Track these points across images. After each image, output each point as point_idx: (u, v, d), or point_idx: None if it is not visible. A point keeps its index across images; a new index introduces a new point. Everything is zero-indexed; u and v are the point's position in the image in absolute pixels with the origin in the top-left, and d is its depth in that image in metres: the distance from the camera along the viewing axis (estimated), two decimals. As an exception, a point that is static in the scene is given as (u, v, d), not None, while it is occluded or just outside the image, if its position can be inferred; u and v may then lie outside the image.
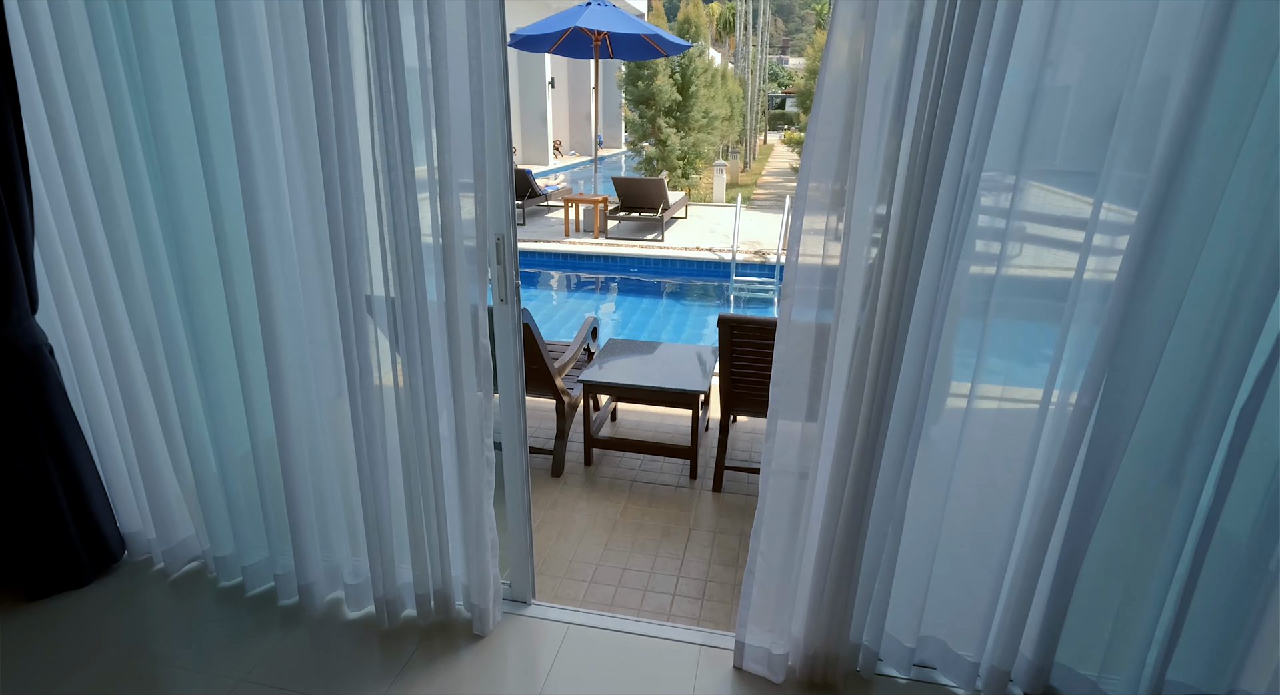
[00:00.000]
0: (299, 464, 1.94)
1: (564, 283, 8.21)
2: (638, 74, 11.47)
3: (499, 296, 1.89)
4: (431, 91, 1.59)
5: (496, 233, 1.81)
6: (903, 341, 1.56)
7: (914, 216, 1.46)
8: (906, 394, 1.61)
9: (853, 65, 1.41)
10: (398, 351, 1.78)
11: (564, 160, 21.05)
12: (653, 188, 9.06)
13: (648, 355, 3.48)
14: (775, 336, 1.67)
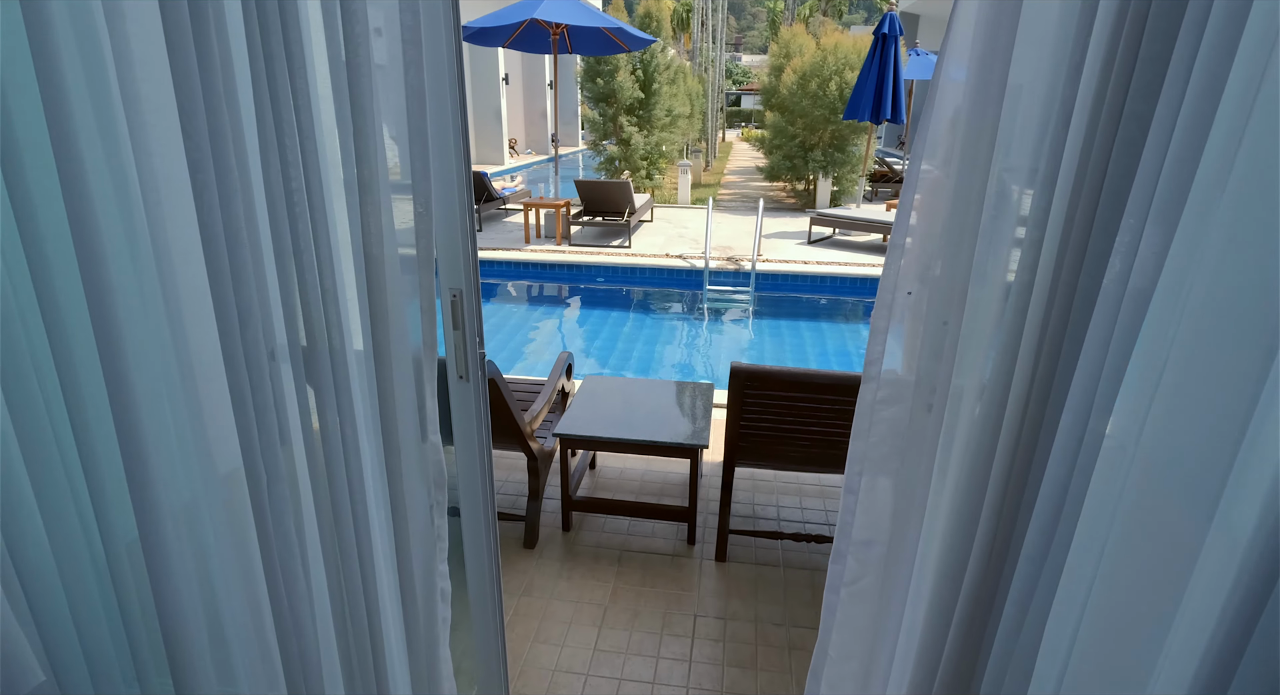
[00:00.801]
0: (175, 573, 1.40)
1: (525, 294, 7.66)
2: (597, 70, 10.95)
3: (458, 371, 1.39)
4: (347, 88, 1.08)
5: (452, 288, 1.31)
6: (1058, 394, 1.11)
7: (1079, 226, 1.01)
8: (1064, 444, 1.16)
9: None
10: (312, 424, 1.26)
11: (520, 160, 20.37)
12: (618, 190, 8.56)
13: (632, 396, 3.00)
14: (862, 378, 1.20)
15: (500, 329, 6.29)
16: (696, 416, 2.79)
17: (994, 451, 1.10)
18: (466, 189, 1.29)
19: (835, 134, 11.03)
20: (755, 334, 6.41)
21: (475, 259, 1.34)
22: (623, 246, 8.43)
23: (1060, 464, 1.11)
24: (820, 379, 2.03)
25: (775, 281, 7.51)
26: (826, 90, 10.58)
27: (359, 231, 1.12)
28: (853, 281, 7.43)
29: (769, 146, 12.15)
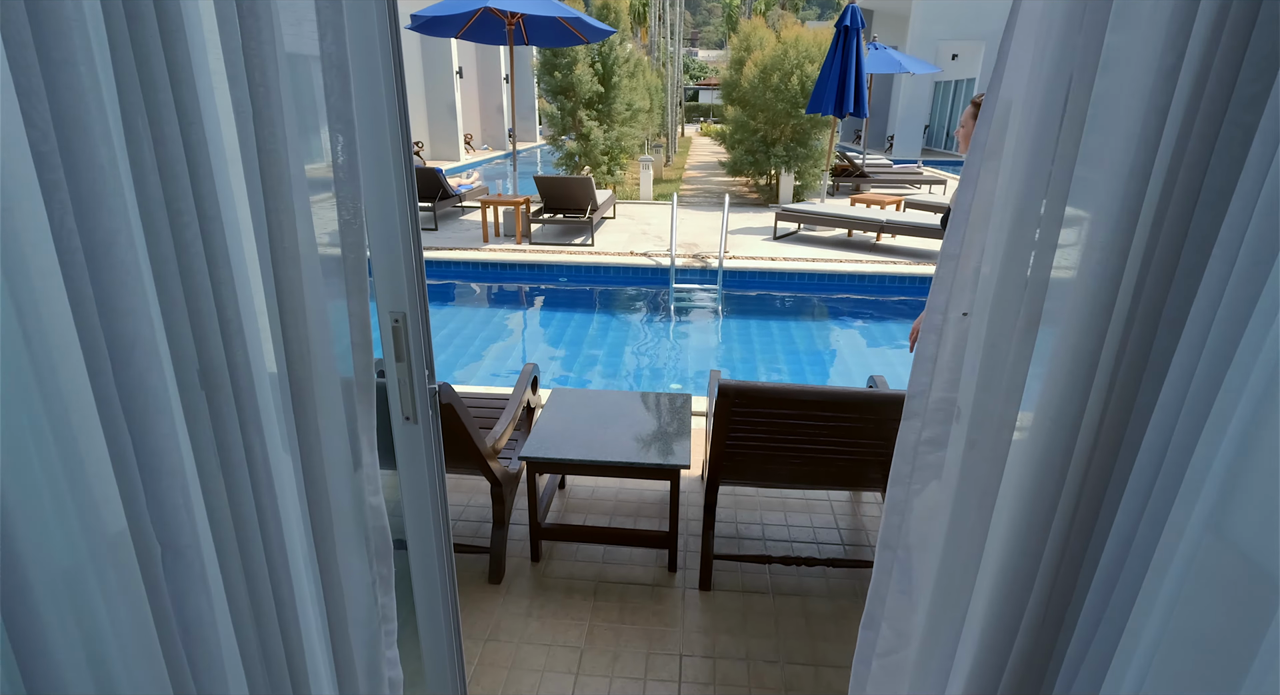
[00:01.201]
0: (48, 654, 1.12)
1: (485, 296, 7.34)
2: (554, 63, 10.62)
3: (403, 412, 1.14)
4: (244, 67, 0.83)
5: (394, 312, 1.06)
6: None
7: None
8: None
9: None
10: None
11: (476, 155, 19.89)
12: (579, 187, 8.29)
13: (604, 410, 2.76)
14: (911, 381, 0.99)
15: (459, 334, 5.98)
16: (674, 433, 2.58)
17: (1056, 501, 0.91)
18: (407, 192, 1.05)
19: (797, 128, 10.94)
20: (724, 334, 6.24)
21: (421, 275, 1.10)
22: (585, 245, 8.17)
23: (1129, 514, 0.92)
24: (815, 396, 1.84)
25: (743, 279, 7.35)
26: (788, 84, 10.47)
27: (265, 242, 0.87)
28: (821, 278, 7.32)
29: (731, 141, 12.01)
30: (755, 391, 1.82)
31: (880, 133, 26.00)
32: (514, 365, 5.38)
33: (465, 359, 5.46)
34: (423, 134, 17.84)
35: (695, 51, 64.12)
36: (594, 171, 11.27)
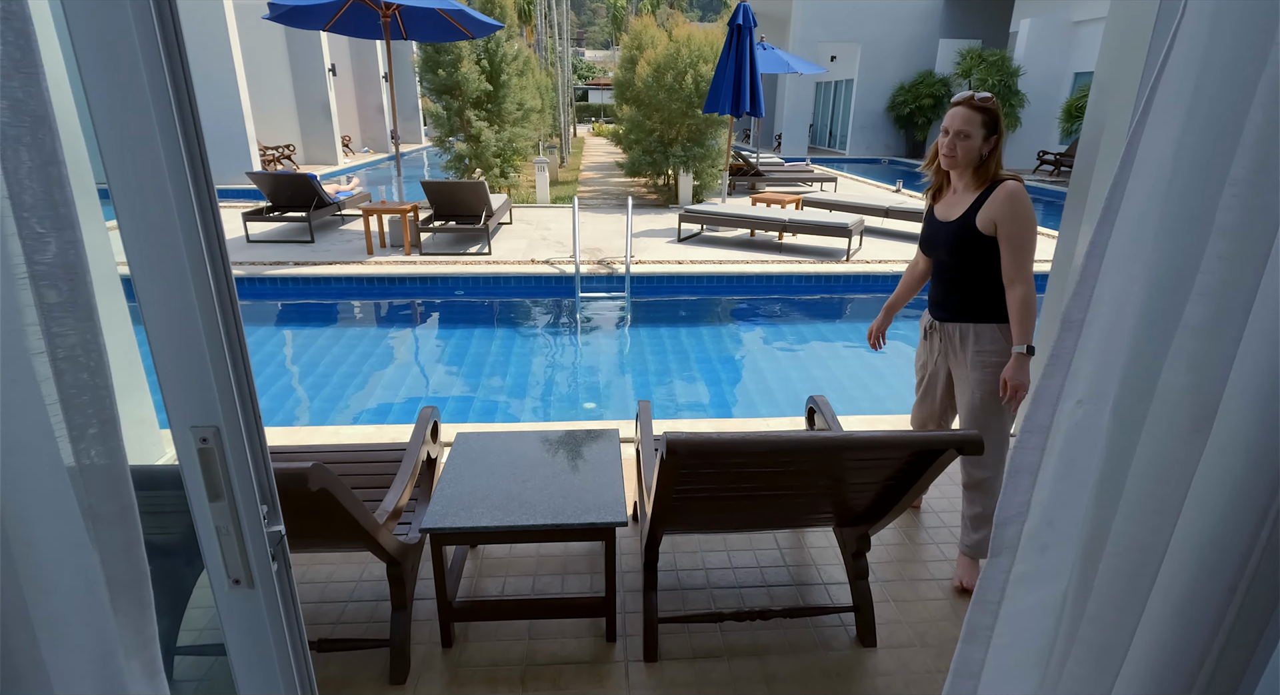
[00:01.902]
0: None
1: (372, 314, 6.69)
2: (437, 60, 9.95)
3: (230, 574, 0.73)
4: None
5: (199, 426, 0.66)
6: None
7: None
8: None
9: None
10: None
11: (356, 159, 18.64)
12: (472, 192, 7.76)
13: (520, 457, 2.38)
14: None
15: (343, 360, 5.35)
16: (606, 479, 2.23)
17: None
18: (208, 233, 0.65)
19: (694, 128, 10.85)
20: (635, 344, 5.95)
21: (244, 361, 0.70)
22: (482, 253, 7.66)
23: None
24: (774, 445, 1.56)
25: (651, 284, 7.11)
26: (682, 83, 10.34)
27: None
28: (730, 280, 7.19)
29: (627, 142, 11.77)
30: (709, 447, 1.52)
31: (768, 132, 26.72)
32: (409, 393, 4.85)
33: (351, 390, 4.87)
34: (294, 137, 16.49)
35: (582, 51, 63.90)
36: (486, 175, 10.70)
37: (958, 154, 2.12)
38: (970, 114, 2.08)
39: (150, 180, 0.63)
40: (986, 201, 2.12)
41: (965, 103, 2.11)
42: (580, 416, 4.58)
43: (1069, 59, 18.20)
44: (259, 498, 0.71)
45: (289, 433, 3.54)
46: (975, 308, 2.23)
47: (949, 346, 2.32)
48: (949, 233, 2.21)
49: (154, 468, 2.71)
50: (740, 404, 4.79)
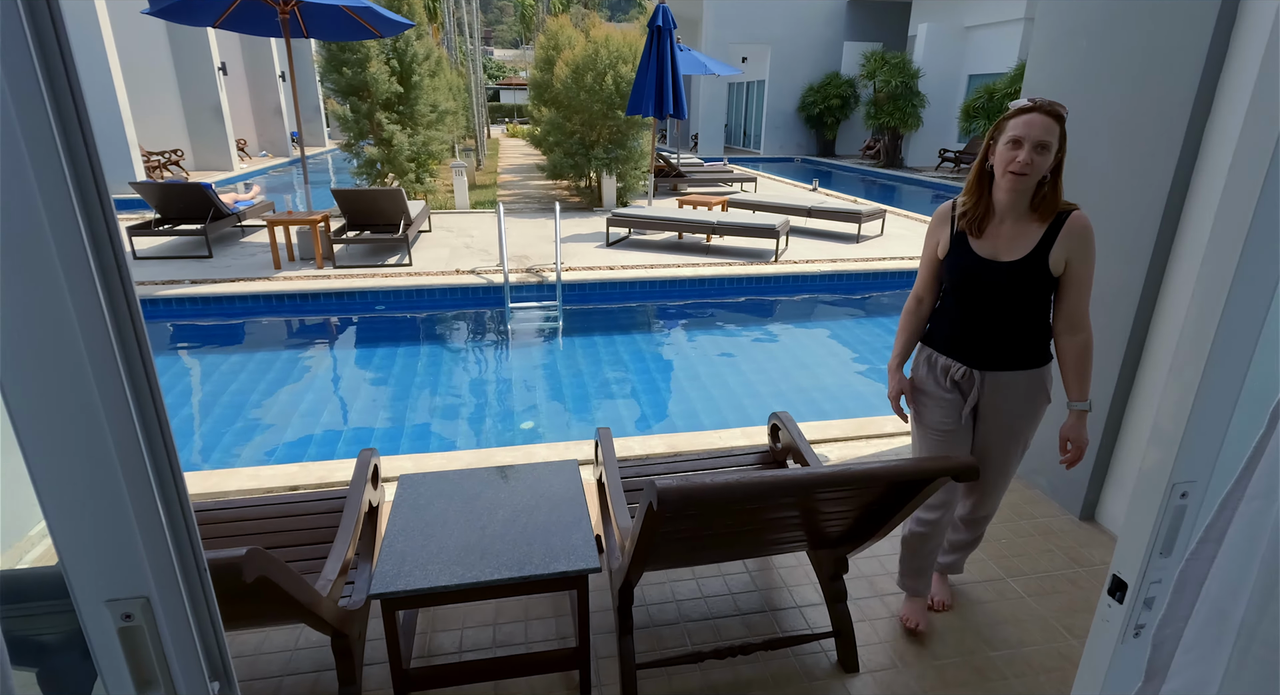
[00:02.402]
0: None
1: (284, 335, 6.20)
2: (342, 59, 9.38)
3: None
4: None
5: (117, 599, 0.46)
6: None
7: None
8: None
9: None
10: None
11: (254, 164, 17.48)
12: (388, 199, 7.34)
13: (473, 500, 2.17)
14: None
15: (253, 389, 4.91)
16: (570, 517, 2.07)
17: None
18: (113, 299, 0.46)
19: (615, 130, 10.72)
20: (570, 354, 5.77)
21: (179, 499, 0.50)
22: (402, 264, 7.26)
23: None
24: (775, 486, 1.45)
25: (583, 291, 6.93)
26: (602, 84, 10.20)
27: None
28: (663, 284, 7.11)
29: (547, 144, 11.52)
30: (703, 494, 1.39)
31: (684, 132, 26.96)
32: (330, 421, 4.49)
33: (264, 422, 4.46)
34: (181, 141, 15.28)
35: (491, 51, 62.68)
36: (401, 180, 10.20)
37: (1032, 172, 1.71)
38: (1050, 122, 1.68)
39: (26, 241, 0.43)
40: (1060, 236, 1.77)
41: (1042, 109, 1.69)
42: (519, 437, 4.36)
43: (963, 62, 19.24)
44: (208, 674, 0.52)
45: (201, 478, 3.17)
46: (1026, 354, 1.92)
47: (987, 396, 1.97)
48: (1011, 275, 1.81)
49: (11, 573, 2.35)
50: (683, 413, 4.70)
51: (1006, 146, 1.72)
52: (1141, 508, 0.68)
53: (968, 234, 1.87)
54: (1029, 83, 3.08)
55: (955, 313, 1.96)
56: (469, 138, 17.91)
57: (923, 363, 2.07)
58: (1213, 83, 2.32)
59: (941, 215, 1.96)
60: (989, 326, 1.90)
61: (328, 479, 3.17)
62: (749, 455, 2.65)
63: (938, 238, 1.96)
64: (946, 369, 1.99)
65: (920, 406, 2.08)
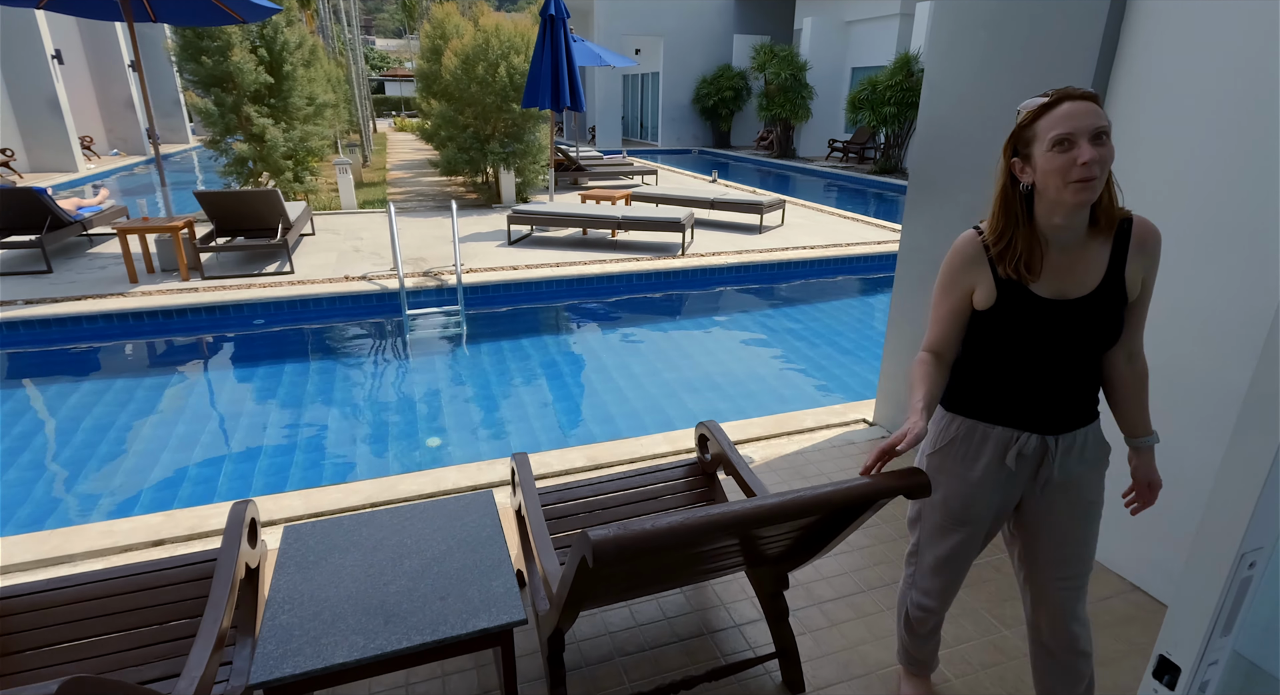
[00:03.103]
0: None
1: (144, 360, 5.51)
2: (199, 46, 8.47)
3: None
4: None
5: None
6: None
7: None
8: None
9: None
10: None
11: (104, 164, 15.73)
12: (263, 201, 6.69)
13: (374, 549, 1.90)
14: None
15: (109, 426, 4.31)
16: (491, 560, 1.84)
17: None
18: None
19: (511, 123, 10.33)
20: (476, 363, 5.45)
21: None
22: (283, 272, 6.64)
23: None
24: (720, 523, 1.29)
25: (486, 294, 6.60)
26: (495, 76, 9.78)
27: None
28: (571, 283, 6.88)
29: (439, 139, 10.97)
30: (644, 544, 1.21)
31: (582, 125, 26.64)
32: (204, 459, 3.99)
33: (127, 465, 3.91)
34: (11, 140, 13.51)
35: (372, 40, 59.73)
36: (278, 180, 9.39)
37: (1103, 170, 1.29)
38: (1092, 105, 1.28)
39: None
40: (1131, 249, 1.41)
41: (1072, 95, 1.29)
42: (425, 458, 4.04)
43: (846, 55, 20.01)
44: None
45: (38, 541, 2.68)
46: (1094, 402, 1.55)
47: (1056, 464, 1.53)
48: (1085, 313, 1.41)
49: None
50: (599, 418, 4.52)
51: (1054, 152, 1.29)
52: (1201, 582, 0.58)
53: (1020, 277, 1.42)
54: (930, 78, 3.08)
55: (1014, 371, 1.49)
56: (353, 132, 16.86)
57: (961, 440, 1.58)
58: (1106, 72, 2.36)
59: (967, 256, 1.47)
60: (1061, 380, 1.47)
61: (200, 528, 2.76)
62: (678, 468, 2.51)
63: (969, 285, 1.48)
64: (1008, 444, 1.53)
65: (948, 493, 1.62)
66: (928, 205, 3.20)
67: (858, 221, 9.92)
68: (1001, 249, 1.43)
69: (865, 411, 3.86)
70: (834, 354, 5.73)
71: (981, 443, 1.56)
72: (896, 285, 3.47)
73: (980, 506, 1.61)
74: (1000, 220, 1.43)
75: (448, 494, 3.04)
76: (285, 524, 2.83)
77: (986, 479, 1.57)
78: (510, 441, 4.22)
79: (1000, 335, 1.48)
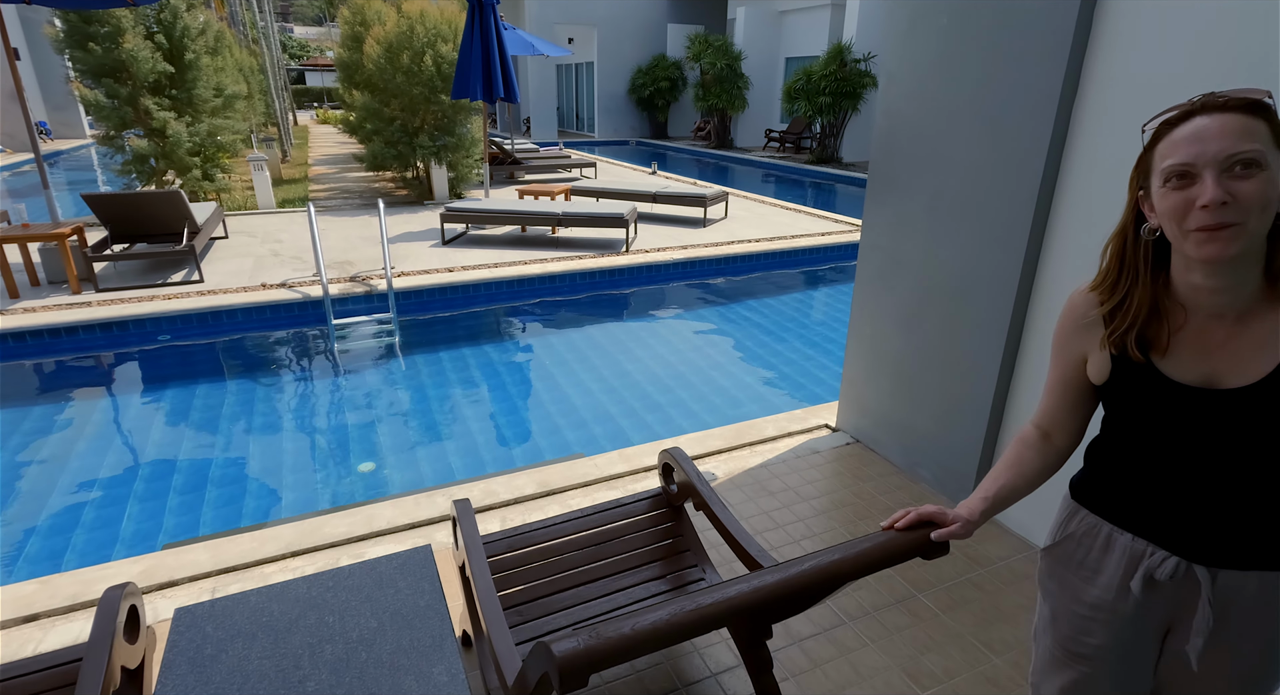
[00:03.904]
0: None
1: (28, 388, 4.91)
2: (86, 32, 7.66)
3: None
4: None
5: None
6: None
7: None
8: None
9: None
10: None
11: (-14, 161, 14.33)
12: (164, 203, 6.07)
13: (288, 631, 1.59)
14: None
15: (-15, 461, 3.77)
16: (430, 638, 1.56)
17: None
18: None
19: (441, 115, 9.82)
20: (411, 376, 5.08)
21: None
22: (191, 281, 6.06)
23: None
24: (712, 617, 1.06)
25: (420, 299, 6.19)
26: (421, 65, 9.25)
27: None
28: (509, 285, 6.54)
29: (364, 132, 10.36)
30: (619, 650, 0.97)
31: (516, 116, 25.97)
32: (98, 503, 3.52)
33: (6, 514, 3.41)
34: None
35: (290, 28, 56.93)
36: (185, 178, 8.65)
37: (1238, 216, 0.90)
38: (1243, 121, 0.90)
39: None
40: None
41: (1216, 105, 0.92)
42: (357, 486, 3.68)
43: (779, 45, 20.06)
44: None
45: (-128, 625, 2.22)
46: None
47: (1210, 608, 1.08)
48: (1249, 410, 0.99)
49: None
50: (546, 432, 4.23)
51: (1167, 188, 0.95)
52: None
53: (1144, 352, 1.05)
54: (886, 68, 2.91)
55: (1149, 465, 1.10)
56: (270, 125, 15.87)
57: (1080, 540, 1.21)
58: (1080, 54, 2.22)
59: (1078, 314, 1.13)
60: (1218, 493, 1.05)
61: (84, 596, 2.36)
62: (640, 502, 2.26)
63: (1079, 351, 1.15)
64: (1137, 559, 1.12)
65: (1058, 609, 1.25)
66: (889, 201, 3.04)
67: (800, 212, 9.88)
68: (1111, 308, 1.07)
69: (827, 416, 3.71)
70: (788, 353, 5.59)
71: (1104, 551, 1.16)
72: (857, 285, 3.31)
73: (1100, 640, 1.19)
74: (1113, 271, 1.08)
75: (380, 535, 2.72)
76: (188, 581, 2.46)
77: (1107, 604, 1.17)
78: (451, 462, 3.89)
79: (1124, 421, 1.13)
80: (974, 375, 2.74)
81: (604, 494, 3.01)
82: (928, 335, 2.93)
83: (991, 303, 2.62)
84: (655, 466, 3.24)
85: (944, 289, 2.81)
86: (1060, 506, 1.27)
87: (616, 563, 2.06)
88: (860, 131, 16.34)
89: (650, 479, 3.14)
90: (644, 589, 1.98)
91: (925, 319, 2.93)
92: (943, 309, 2.84)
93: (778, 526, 2.79)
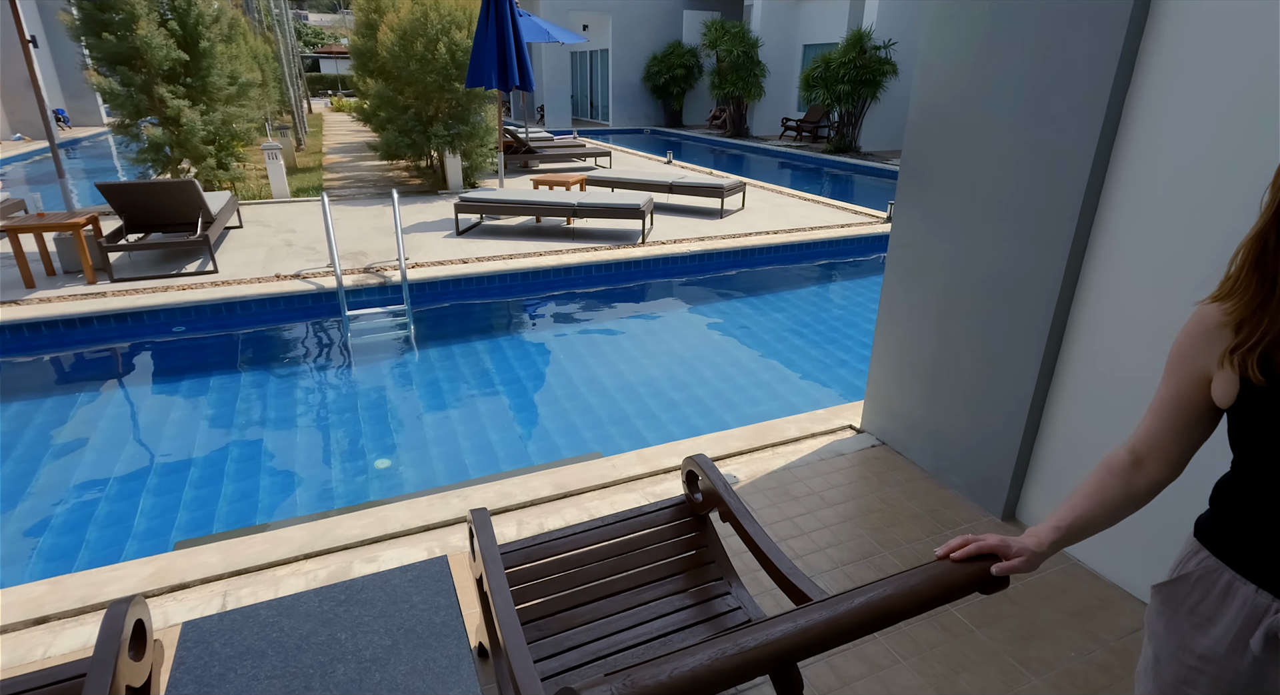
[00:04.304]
0: None
1: (41, 378, 4.89)
2: (100, 19, 7.62)
3: None
4: None
5: None
6: None
7: None
8: None
9: None
10: None
11: (3, 150, 14.39)
12: (178, 192, 6.03)
13: (298, 647, 1.52)
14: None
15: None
16: (445, 659, 1.48)
17: None
18: None
19: (455, 103, 9.71)
20: (425, 370, 5.01)
21: None
22: (205, 272, 6.03)
23: None
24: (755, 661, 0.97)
25: (434, 291, 6.12)
26: (435, 53, 9.13)
27: None
28: (524, 276, 6.45)
29: (379, 121, 10.27)
30: None
31: (530, 105, 25.80)
32: (112, 498, 3.49)
33: (17, 513, 3.39)
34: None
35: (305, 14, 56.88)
36: (199, 167, 8.61)
37: None
38: None
39: None
40: None
41: None
42: (371, 483, 3.62)
43: (797, 32, 19.73)
44: None
45: (-119, 627, 2.19)
46: None
47: None
48: None
49: None
50: (562, 429, 4.16)
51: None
52: None
53: (1249, 371, 0.94)
54: (921, 56, 2.78)
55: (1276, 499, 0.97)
56: (285, 113, 15.84)
57: (1196, 581, 1.08)
58: (1138, 33, 2.08)
59: (1206, 327, 1.00)
60: None
61: (95, 598, 2.31)
62: (663, 511, 2.17)
63: (1202, 368, 1.02)
64: (1259, 613, 1.00)
65: (1162, 651, 1.14)
66: (920, 196, 2.91)
67: (818, 203, 9.70)
68: (1239, 320, 0.94)
69: (851, 417, 3.60)
70: (808, 348, 5.47)
71: (1222, 598, 1.04)
72: (885, 283, 3.19)
73: (1206, 693, 1.08)
74: (1246, 279, 0.94)
75: (393, 538, 2.65)
76: (200, 584, 2.40)
77: (1217, 658, 1.04)
78: (464, 458, 3.82)
79: (1252, 452, 0.99)
80: (1010, 380, 2.62)
81: (622, 497, 2.93)
82: (961, 336, 2.81)
83: (1030, 304, 2.50)
84: (675, 468, 3.15)
85: (979, 289, 2.69)
86: (1183, 543, 1.14)
87: (638, 575, 1.98)
88: (879, 120, 16.04)
89: (669, 482, 3.06)
90: (667, 603, 1.90)
91: (958, 320, 2.81)
92: (977, 309, 2.72)
93: (803, 533, 2.70)
